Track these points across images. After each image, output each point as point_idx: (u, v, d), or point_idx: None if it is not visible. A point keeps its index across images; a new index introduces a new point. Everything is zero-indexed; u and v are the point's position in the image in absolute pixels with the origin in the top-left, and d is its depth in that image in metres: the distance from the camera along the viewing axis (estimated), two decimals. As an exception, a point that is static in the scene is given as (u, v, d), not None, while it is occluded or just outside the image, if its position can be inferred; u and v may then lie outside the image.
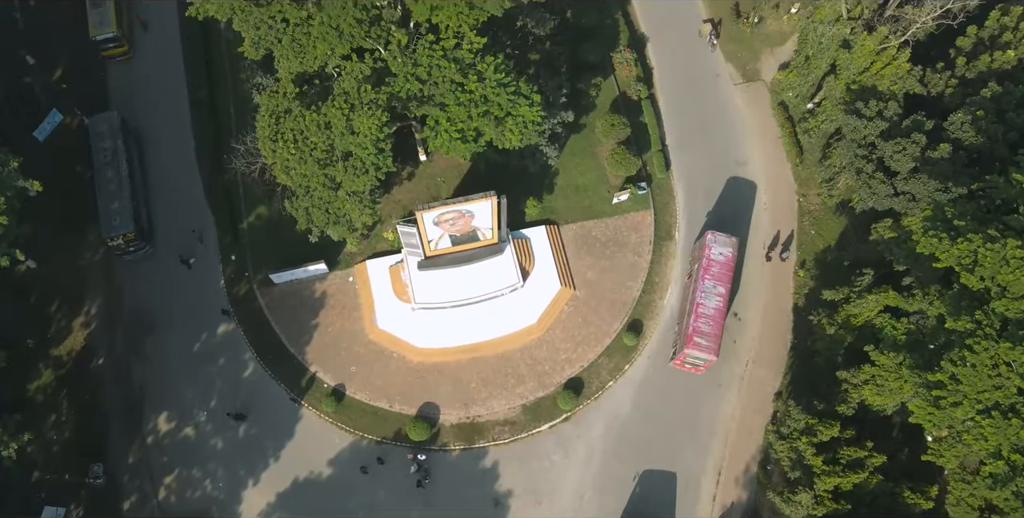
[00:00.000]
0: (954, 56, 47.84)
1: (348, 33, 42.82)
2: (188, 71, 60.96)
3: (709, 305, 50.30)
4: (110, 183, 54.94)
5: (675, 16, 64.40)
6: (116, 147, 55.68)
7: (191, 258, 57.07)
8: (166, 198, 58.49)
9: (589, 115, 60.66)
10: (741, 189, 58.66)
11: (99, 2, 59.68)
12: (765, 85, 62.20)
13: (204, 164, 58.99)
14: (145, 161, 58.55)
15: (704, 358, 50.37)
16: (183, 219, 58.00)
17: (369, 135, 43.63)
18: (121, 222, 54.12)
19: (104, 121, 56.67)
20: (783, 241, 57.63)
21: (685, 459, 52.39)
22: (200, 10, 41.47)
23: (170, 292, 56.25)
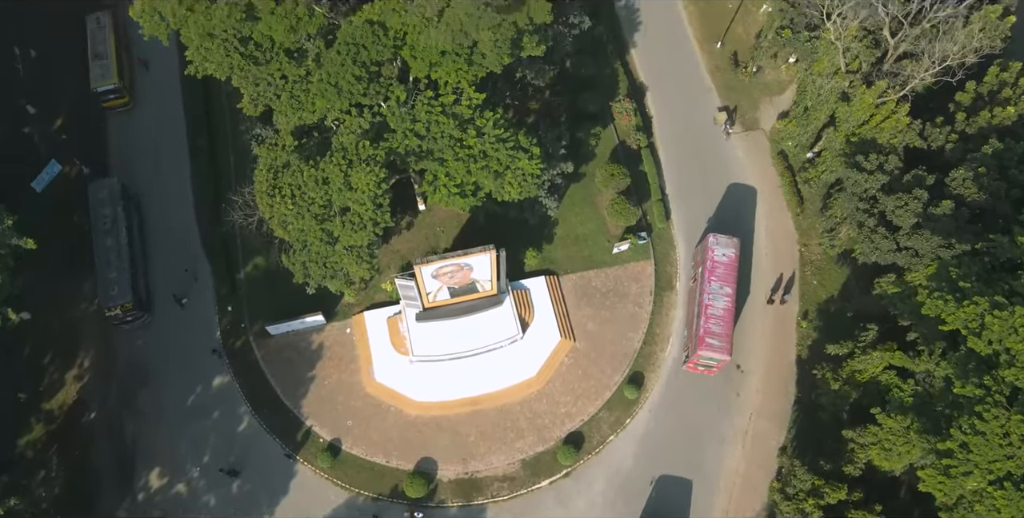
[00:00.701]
0: (953, 110, 47.81)
1: (347, 90, 42.79)
2: (188, 121, 61.10)
3: (718, 306, 50.65)
4: (109, 251, 54.25)
5: (674, 65, 64.75)
6: (116, 214, 54.93)
7: (184, 298, 56.58)
8: (163, 245, 58.03)
9: (589, 164, 60.60)
10: (742, 239, 58.19)
11: (101, 54, 60.08)
12: (764, 134, 62.24)
13: (202, 214, 58.72)
14: (145, 227, 57.97)
15: (717, 358, 50.45)
16: (177, 258, 57.66)
17: (367, 191, 43.39)
18: (119, 292, 53.25)
19: (104, 187, 56.07)
20: (784, 284, 57.18)
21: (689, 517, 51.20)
22: (199, 69, 41.49)
23: (165, 345, 55.55)
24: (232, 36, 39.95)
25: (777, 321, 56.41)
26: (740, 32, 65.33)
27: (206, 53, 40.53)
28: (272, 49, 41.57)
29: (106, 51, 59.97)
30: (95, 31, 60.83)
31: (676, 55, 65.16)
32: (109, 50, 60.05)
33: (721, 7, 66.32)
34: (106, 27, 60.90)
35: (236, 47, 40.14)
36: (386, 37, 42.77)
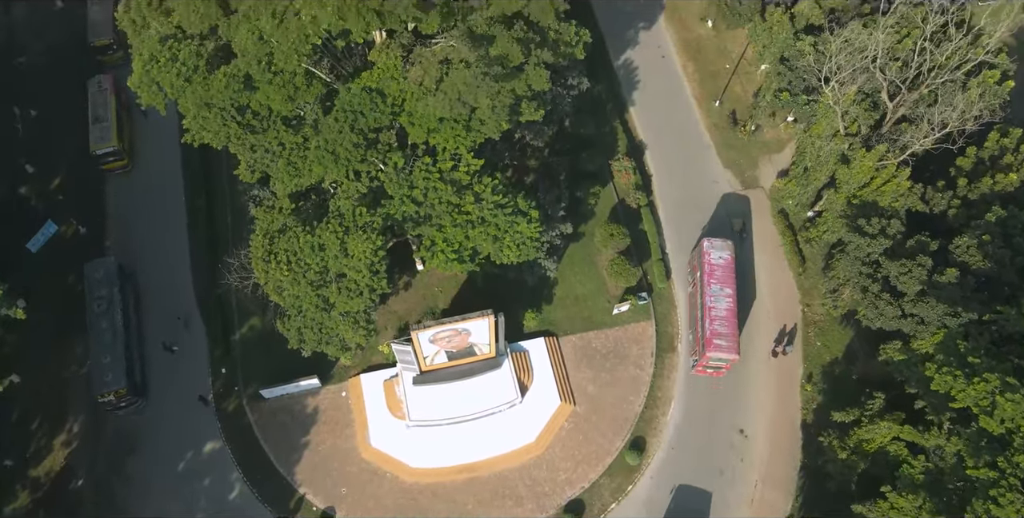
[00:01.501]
0: (955, 175, 47.59)
1: (344, 157, 42.56)
2: (187, 181, 60.85)
3: (720, 307, 51.48)
4: (104, 334, 52.49)
5: (673, 124, 64.85)
6: (112, 296, 53.37)
7: (174, 345, 55.76)
8: (157, 303, 57.20)
9: (588, 223, 60.21)
10: (744, 298, 57.49)
11: (101, 117, 60.02)
12: (764, 192, 61.99)
13: (199, 275, 58.08)
14: (141, 307, 56.52)
15: (726, 358, 50.91)
16: (170, 305, 57.04)
17: (363, 259, 42.83)
18: (113, 378, 51.48)
19: (100, 267, 54.73)
20: (787, 335, 56.42)
21: (694, 591, 49.52)
22: (196, 137, 41.30)
23: (156, 407, 54.35)
24: (229, 105, 39.79)
25: (781, 383, 55.35)
26: (738, 91, 65.60)
27: (203, 122, 40.38)
28: (269, 117, 41.45)
29: (106, 114, 59.95)
30: (96, 94, 60.92)
31: (675, 113, 65.33)
32: (109, 113, 60.03)
33: (719, 66, 66.73)
34: (107, 90, 61.07)
35: (233, 116, 40.00)
36: (384, 104, 42.67)
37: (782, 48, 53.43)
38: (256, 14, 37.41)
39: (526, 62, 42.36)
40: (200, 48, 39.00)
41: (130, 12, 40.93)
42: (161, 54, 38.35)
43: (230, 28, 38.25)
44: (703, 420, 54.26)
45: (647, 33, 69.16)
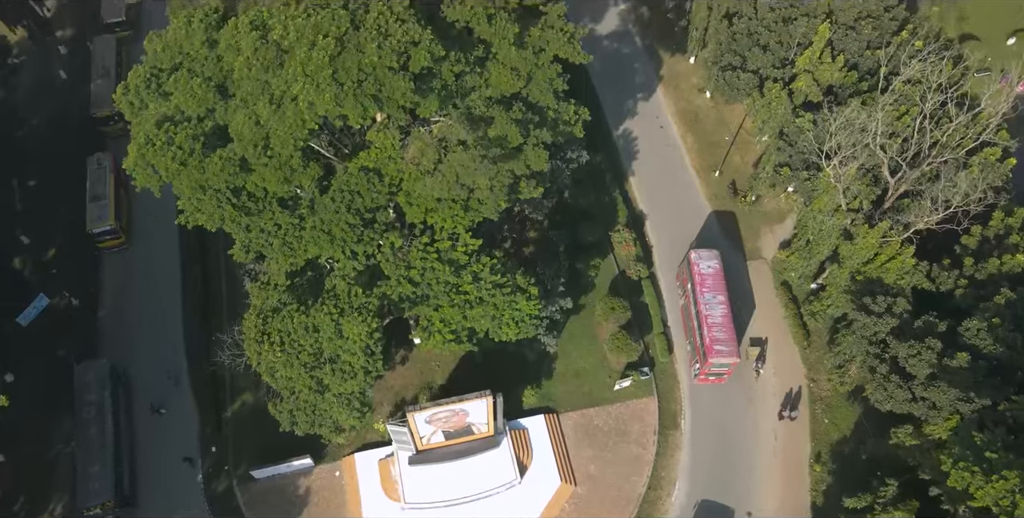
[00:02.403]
0: (960, 253, 46.92)
1: (340, 238, 41.93)
2: (183, 254, 60.17)
3: (716, 314, 52.42)
4: (92, 442, 50.26)
5: (673, 194, 64.56)
6: (102, 400, 51.47)
7: (161, 407, 54.38)
8: (148, 378, 55.89)
9: (589, 295, 59.35)
10: (747, 374, 56.24)
11: (99, 195, 59.31)
12: (767, 263, 61.27)
13: (192, 350, 56.94)
14: (132, 410, 54.35)
15: (727, 363, 51.86)
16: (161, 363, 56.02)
17: (359, 341, 41.80)
18: (100, 488, 48.82)
19: (91, 370, 53.00)
20: (792, 399, 55.22)
21: None
22: (190, 219, 40.76)
23: (144, 487, 52.55)
24: (225, 187, 39.35)
25: (788, 463, 53.57)
26: (738, 161, 65.55)
27: (198, 204, 39.87)
28: (265, 198, 40.96)
29: (105, 192, 59.32)
30: (95, 172, 60.37)
31: (675, 184, 65.12)
32: (108, 191, 59.41)
33: (718, 136, 66.85)
34: (106, 168, 60.54)
35: (228, 198, 39.51)
36: (381, 184, 42.27)
37: (781, 123, 53.45)
38: (253, 99, 37.29)
39: (525, 143, 42.16)
40: (197, 130, 38.69)
41: (129, 94, 40.82)
42: (157, 137, 38.06)
43: (227, 112, 38.06)
44: (710, 501, 52.36)
45: (646, 103, 69.56)
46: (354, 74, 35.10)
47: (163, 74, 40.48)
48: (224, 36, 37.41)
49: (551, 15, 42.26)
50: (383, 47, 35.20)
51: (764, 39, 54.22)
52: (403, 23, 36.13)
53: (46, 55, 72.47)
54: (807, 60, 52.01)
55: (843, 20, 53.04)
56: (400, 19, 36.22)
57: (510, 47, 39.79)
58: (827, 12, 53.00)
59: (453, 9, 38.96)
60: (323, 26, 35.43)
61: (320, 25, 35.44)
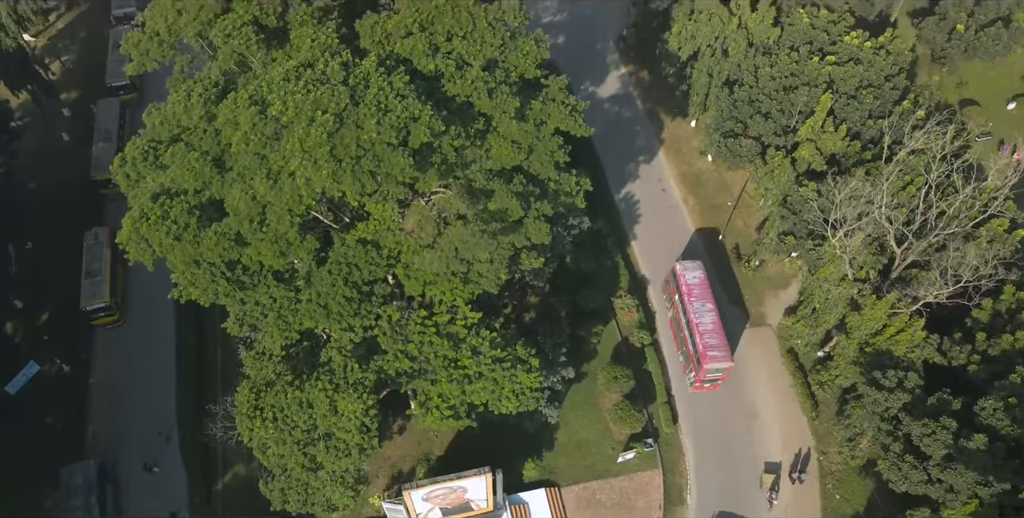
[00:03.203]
0: (971, 326, 45.84)
1: (336, 312, 41.00)
2: (178, 323, 59.04)
3: (706, 321, 53.76)
4: None
5: (676, 255, 63.71)
6: (89, 506, 49.40)
7: (154, 465, 52.95)
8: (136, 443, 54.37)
9: (591, 363, 58.07)
10: (755, 445, 54.60)
11: (95, 272, 57.88)
12: (772, 330, 60.11)
13: (184, 419, 55.46)
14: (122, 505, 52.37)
15: (721, 367, 52.97)
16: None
17: (354, 419, 40.48)
18: None
19: (79, 472, 50.88)
20: (800, 462, 53.68)
21: None
22: (184, 294, 39.88)
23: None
24: (219, 261, 38.59)
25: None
26: (740, 225, 65.00)
27: (191, 278, 39.04)
28: (260, 272, 40.19)
29: (100, 268, 58.01)
30: (91, 247, 59.15)
31: (678, 248, 64.34)
32: (104, 267, 58.10)
33: (720, 200, 66.48)
34: (103, 243, 59.29)
35: (223, 272, 38.73)
36: (379, 257, 41.54)
37: (784, 191, 53.02)
38: (250, 173, 36.77)
39: (526, 215, 41.57)
40: (193, 201, 38.15)
41: (126, 166, 40.43)
42: (152, 211, 37.48)
43: (224, 187, 37.56)
44: (718, 584, 50.27)
45: (647, 166, 69.42)
46: (352, 150, 34.63)
47: (161, 146, 40.15)
48: (223, 110, 37.11)
49: (552, 88, 42.13)
50: (382, 123, 34.80)
51: (765, 107, 54.20)
52: (403, 99, 35.83)
53: (49, 117, 72.84)
54: (809, 129, 51.87)
55: (844, 89, 53.11)
56: (400, 95, 35.94)
57: (511, 121, 39.49)
58: (828, 81, 53.09)
59: (454, 84, 38.78)
60: (322, 102, 35.12)
61: (319, 101, 35.14)
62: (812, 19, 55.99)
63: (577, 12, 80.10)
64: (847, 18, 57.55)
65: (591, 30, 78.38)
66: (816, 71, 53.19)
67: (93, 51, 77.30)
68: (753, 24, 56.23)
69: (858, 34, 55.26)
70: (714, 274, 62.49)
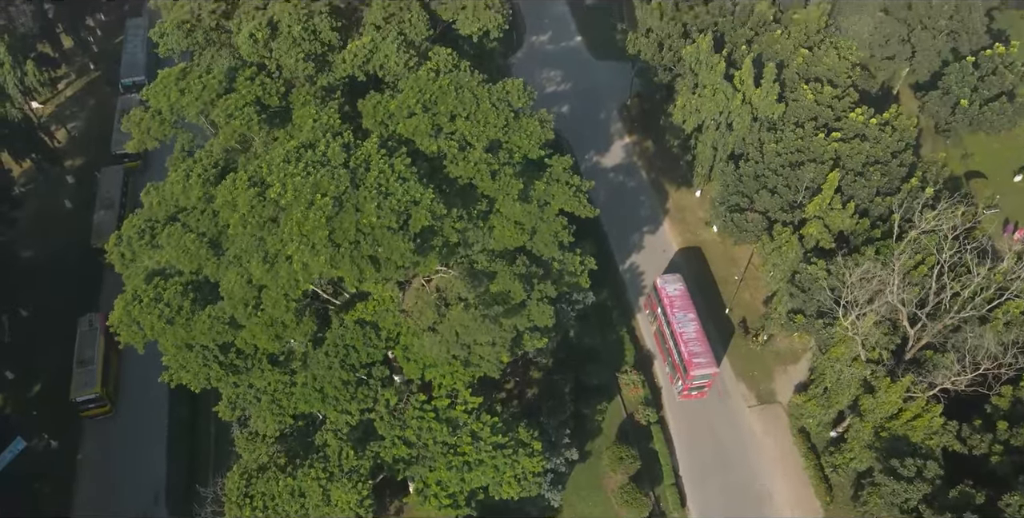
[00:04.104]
0: (991, 413, 44.18)
1: (332, 396, 39.65)
2: (172, 401, 56.88)
3: (689, 330, 55.24)
4: None
5: (681, 332, 62.43)
6: None
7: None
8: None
9: (595, 441, 56.17)
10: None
11: (87, 360, 55.70)
12: (782, 407, 58.28)
13: (173, 500, 53.39)
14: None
15: (707, 373, 54.44)
16: None
17: (347, 510, 38.67)
18: None
19: None
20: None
21: None
22: (174, 377, 38.64)
23: None
24: (212, 344, 37.46)
25: None
26: (747, 298, 63.86)
27: (183, 361, 37.85)
28: (255, 355, 39.00)
29: (93, 356, 55.84)
30: (85, 334, 57.16)
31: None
32: (97, 355, 55.96)
33: (726, 272, 65.49)
34: (97, 329, 57.06)
35: (216, 356, 37.56)
36: (378, 338, 40.42)
37: (792, 268, 52.06)
38: (247, 256, 35.98)
39: (529, 297, 40.55)
40: (186, 280, 37.26)
41: (120, 245, 39.68)
42: (145, 293, 36.56)
43: (219, 269, 36.71)
44: None
45: (652, 237, 68.70)
46: (351, 234, 33.86)
47: (158, 225, 39.48)
48: (221, 192, 36.54)
49: (556, 168, 41.64)
50: (382, 207, 34.12)
51: (771, 182, 53.73)
52: (404, 181, 35.27)
53: (53, 184, 72.78)
54: (817, 206, 51.25)
55: (851, 166, 52.70)
56: (402, 177, 35.39)
57: (514, 202, 38.87)
58: (834, 158, 52.74)
59: (456, 166, 38.28)
60: (322, 185, 34.53)
61: (319, 184, 34.55)
62: (816, 95, 56.01)
63: (581, 81, 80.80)
64: (851, 94, 57.61)
65: (595, 99, 78.88)
66: (822, 148, 52.86)
67: (100, 118, 77.83)
68: (757, 100, 56.26)
69: (863, 110, 55.18)
70: (720, 348, 61.22)
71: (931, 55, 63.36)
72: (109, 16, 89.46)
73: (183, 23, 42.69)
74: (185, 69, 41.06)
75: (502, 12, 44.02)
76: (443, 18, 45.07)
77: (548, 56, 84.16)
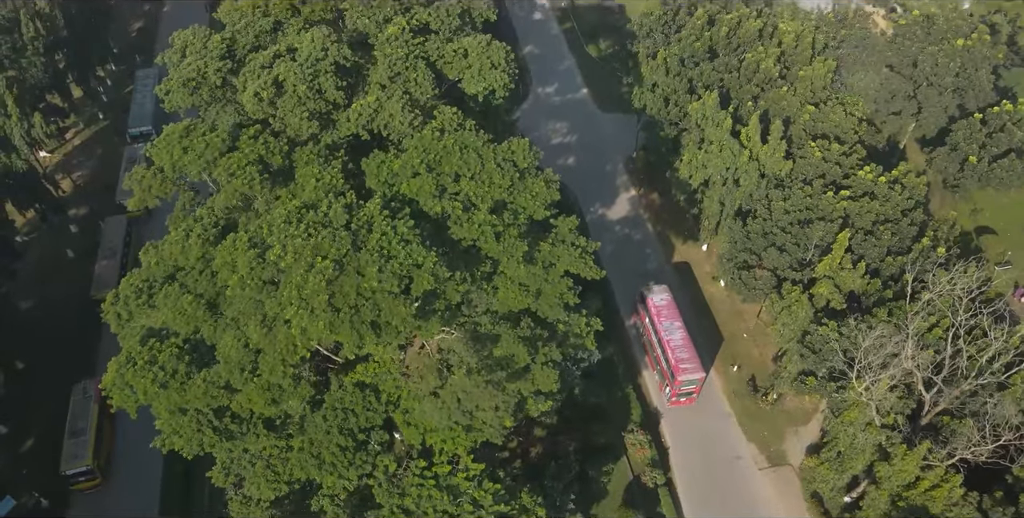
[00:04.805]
0: (1013, 484, 42.53)
1: (329, 462, 38.35)
2: (165, 467, 55.11)
3: (676, 337, 56.79)
4: None
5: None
6: None
7: None
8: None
9: (601, 504, 54.40)
10: (781, 606, 50.11)
11: (79, 431, 53.61)
12: (794, 470, 56.49)
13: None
14: None
15: (694, 378, 55.65)
16: None
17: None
18: None
19: None
20: None
21: None
22: (166, 443, 37.45)
23: None
24: (207, 408, 36.37)
25: None
26: (756, 355, 62.58)
27: (176, 426, 36.71)
28: (251, 420, 37.84)
29: (86, 428, 53.66)
30: (78, 402, 55.20)
31: (691, 378, 61.70)
32: (89, 426, 53.82)
33: (734, 327, 64.36)
34: (91, 398, 55.20)
35: (210, 420, 36.42)
36: (377, 402, 39.34)
37: (802, 328, 50.93)
38: (244, 319, 35.17)
39: (533, 361, 39.50)
40: (182, 346, 36.34)
41: (117, 305, 38.89)
42: (139, 356, 35.63)
43: (215, 332, 35.83)
44: None
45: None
46: (352, 299, 33.08)
47: (156, 284, 38.73)
48: (221, 252, 35.94)
49: (562, 229, 41.00)
50: (384, 270, 33.41)
51: (780, 240, 52.94)
52: (407, 244, 34.59)
53: (56, 233, 72.49)
54: (827, 266, 50.37)
55: (860, 224, 51.94)
56: (404, 240, 34.72)
57: (519, 265, 38.10)
58: (843, 216, 52.04)
59: (460, 227, 37.64)
60: (323, 247, 33.89)
61: (320, 247, 33.91)
62: (824, 152, 55.61)
63: (587, 133, 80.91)
64: (859, 150, 57.19)
65: (601, 151, 78.84)
66: (831, 206, 52.22)
67: (106, 168, 77.94)
68: (765, 156, 55.87)
69: (872, 168, 54.69)
70: (728, 407, 59.75)
71: (937, 111, 63.14)
72: (120, 65, 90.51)
73: (188, 81, 42.59)
74: (189, 127, 40.87)
75: (508, 72, 43.92)
76: (449, 77, 44.99)
77: (554, 108, 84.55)
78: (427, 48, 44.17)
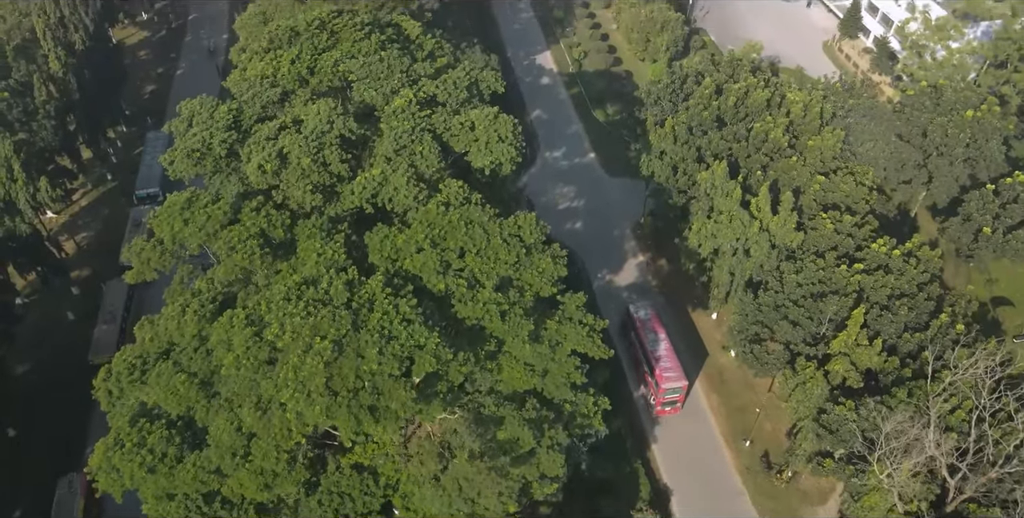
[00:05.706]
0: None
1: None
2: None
3: (660, 348, 60.05)
4: None
5: (700, 465, 58.85)
6: None
7: None
8: None
9: (608, 592, 51.69)
10: None
11: (65, 499, 51.30)
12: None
13: None
14: None
15: (677, 386, 58.30)
16: None
17: None
18: None
19: None
20: None
21: None
22: (153, 512, 35.61)
23: None
24: (196, 493, 34.72)
25: None
26: (769, 429, 60.49)
27: (163, 512, 35.01)
28: (242, 505, 36.11)
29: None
30: (63, 496, 52.04)
31: (701, 453, 59.58)
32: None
33: (745, 399, 62.43)
34: (77, 493, 51.96)
35: (199, 507, 34.72)
36: (375, 486, 37.61)
37: (817, 405, 49.15)
38: (239, 400, 33.85)
39: (538, 444, 37.84)
40: (172, 427, 34.91)
41: (109, 381, 37.64)
42: (128, 438, 34.22)
43: (208, 413, 34.46)
44: None
45: (667, 359, 65.97)
46: (350, 382, 31.82)
47: (149, 361, 37.54)
48: (217, 330, 34.85)
49: (569, 306, 39.83)
50: (384, 352, 32.22)
51: (793, 314, 51.61)
52: (409, 324, 33.47)
53: (57, 295, 71.61)
54: (842, 343, 48.91)
55: (875, 298, 50.65)
56: (406, 320, 33.63)
57: (524, 344, 36.83)
58: (857, 290, 50.80)
59: (464, 305, 36.54)
60: (322, 327, 32.80)
61: (319, 326, 32.83)
62: (836, 224, 54.73)
63: (594, 198, 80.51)
64: (871, 221, 56.33)
65: (608, 216, 78.26)
66: (845, 279, 51.05)
67: (111, 229, 77.54)
68: (775, 227, 55.01)
69: (885, 240, 53.70)
70: (740, 485, 57.44)
71: (949, 181, 62.51)
72: (131, 127, 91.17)
73: (193, 151, 42.24)
74: (191, 198, 40.29)
75: (515, 145, 43.50)
76: (455, 149, 44.58)
77: (562, 172, 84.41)
78: (434, 121, 43.90)
